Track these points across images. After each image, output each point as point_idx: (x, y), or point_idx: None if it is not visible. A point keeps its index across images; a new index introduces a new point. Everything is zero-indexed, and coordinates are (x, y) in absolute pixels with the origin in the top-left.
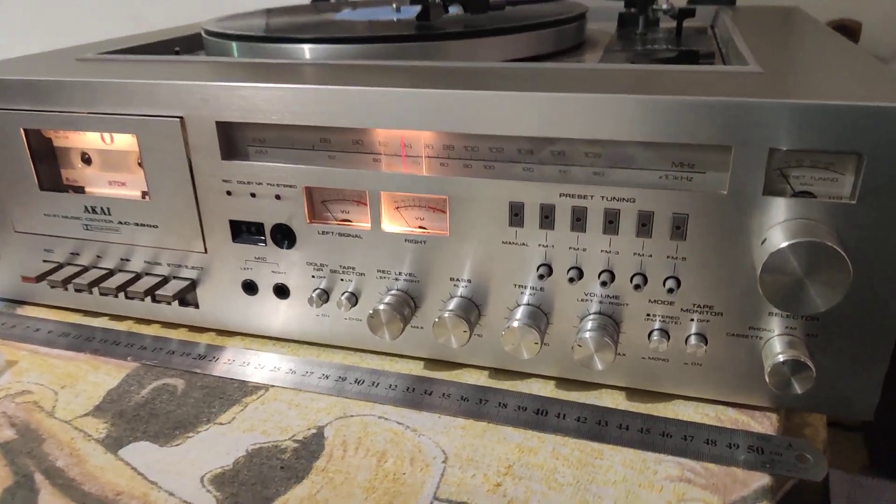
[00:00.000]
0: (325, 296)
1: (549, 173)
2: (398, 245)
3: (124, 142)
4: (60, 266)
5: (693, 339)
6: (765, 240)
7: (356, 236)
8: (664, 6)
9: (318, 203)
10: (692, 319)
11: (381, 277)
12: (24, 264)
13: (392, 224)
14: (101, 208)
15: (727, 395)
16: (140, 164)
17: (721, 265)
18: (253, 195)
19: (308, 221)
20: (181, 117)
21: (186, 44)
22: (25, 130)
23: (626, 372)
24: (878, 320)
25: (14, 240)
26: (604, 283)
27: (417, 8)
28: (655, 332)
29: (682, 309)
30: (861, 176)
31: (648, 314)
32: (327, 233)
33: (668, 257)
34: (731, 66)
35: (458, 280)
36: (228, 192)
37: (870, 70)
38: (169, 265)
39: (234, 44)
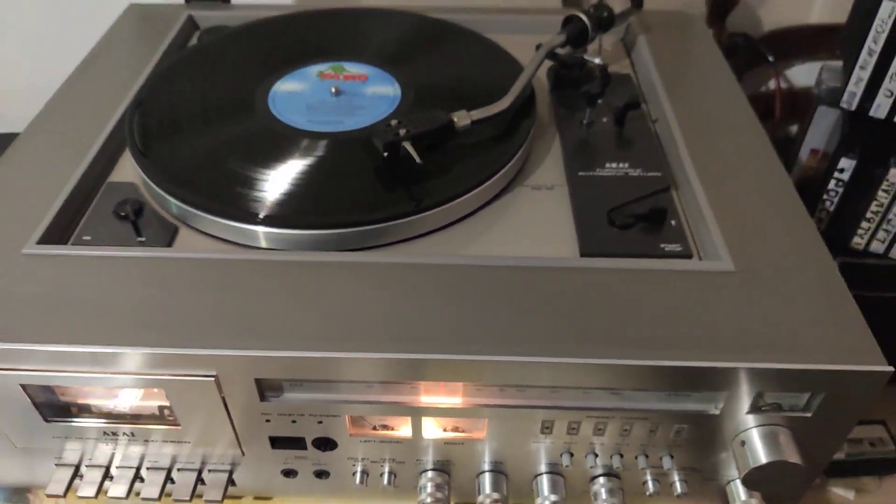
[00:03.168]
0: (364, 476)
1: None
2: (438, 447)
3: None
4: None
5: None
6: (743, 442)
7: (397, 442)
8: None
9: (359, 419)
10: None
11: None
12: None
13: (432, 431)
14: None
15: None
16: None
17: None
18: (294, 421)
19: (350, 434)
20: (215, 376)
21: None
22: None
23: None
24: None
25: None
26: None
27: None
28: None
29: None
30: (817, 400)
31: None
32: (369, 441)
33: (666, 447)
34: (702, 265)
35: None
36: (267, 420)
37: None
38: (204, 463)
39: (173, 202)
